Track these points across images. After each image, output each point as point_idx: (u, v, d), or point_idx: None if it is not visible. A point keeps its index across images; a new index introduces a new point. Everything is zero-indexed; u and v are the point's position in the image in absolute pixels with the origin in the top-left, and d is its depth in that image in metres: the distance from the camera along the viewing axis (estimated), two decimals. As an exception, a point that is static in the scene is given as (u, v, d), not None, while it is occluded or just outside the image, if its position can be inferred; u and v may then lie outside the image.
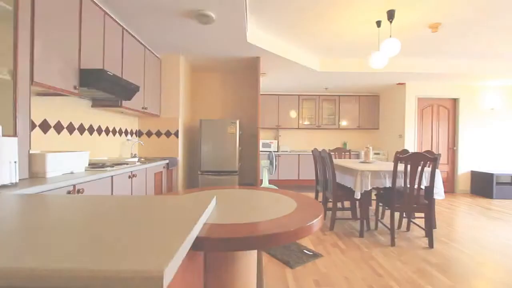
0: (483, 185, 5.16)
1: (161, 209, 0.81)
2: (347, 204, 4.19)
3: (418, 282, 1.99)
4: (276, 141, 6.51)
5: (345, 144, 6.73)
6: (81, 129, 2.62)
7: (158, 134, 4.02)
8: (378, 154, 6.11)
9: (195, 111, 4.93)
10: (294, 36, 3.68)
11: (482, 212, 4.06)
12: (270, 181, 6.23)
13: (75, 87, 2.04)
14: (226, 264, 0.96)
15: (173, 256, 0.46)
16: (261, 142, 6.38)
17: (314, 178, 4.42)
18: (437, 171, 2.73)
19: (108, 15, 2.53)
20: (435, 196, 2.74)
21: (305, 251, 2.51)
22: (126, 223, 0.66)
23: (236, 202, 1.16)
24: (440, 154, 2.71)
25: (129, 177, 2.41)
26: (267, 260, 2.35)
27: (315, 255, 2.43)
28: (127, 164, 2.52)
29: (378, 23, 3.16)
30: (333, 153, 4.64)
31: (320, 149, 3.58)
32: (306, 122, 6.63)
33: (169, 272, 0.44)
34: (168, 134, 4.02)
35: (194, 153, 4.88)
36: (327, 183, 3.35)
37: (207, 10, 2.65)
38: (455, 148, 5.51)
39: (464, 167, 5.48)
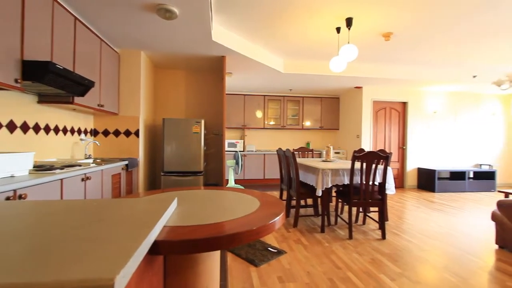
0: (427, 180, 5.75)
1: (117, 212, 0.76)
2: (310, 201, 4.37)
3: (372, 271, 2.15)
4: (242, 140, 6.53)
5: (308, 143, 7.00)
6: (25, 128, 2.35)
7: (117, 133, 3.78)
8: (338, 153, 6.46)
9: (157, 110, 4.73)
10: (259, 37, 3.72)
11: (427, 204, 4.53)
12: (236, 181, 6.23)
13: (16, 80, 1.82)
14: (188, 267, 0.93)
15: (127, 262, 0.44)
16: (227, 141, 6.35)
17: (279, 177, 4.52)
18: (389, 169, 2.97)
19: (58, 2, 2.30)
20: (387, 192, 2.98)
21: (269, 248, 2.56)
22: (75, 229, 0.61)
23: (199, 203, 1.14)
24: (391, 152, 2.95)
25: (82, 180, 2.23)
26: (232, 259, 2.34)
27: (280, 252, 2.49)
28: (80, 166, 2.33)
29: (338, 30, 3.34)
30: (297, 152, 4.79)
31: (285, 148, 3.67)
32: (272, 122, 6.76)
33: (122, 280, 0.41)
34: (127, 133, 3.80)
35: (156, 153, 4.68)
36: (291, 182, 3.45)
37: (170, 5, 2.55)
38: (404, 147, 6.06)
39: (412, 164, 6.05)
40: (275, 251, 2.51)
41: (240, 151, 6.20)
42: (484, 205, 4.49)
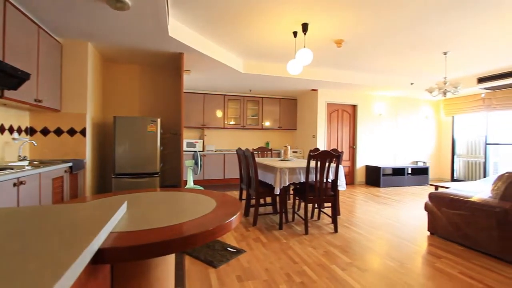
0: (374, 177, 6.31)
1: (55, 220, 0.69)
2: (269, 199, 4.47)
3: (326, 263, 2.29)
4: (202, 140, 6.40)
5: (267, 143, 7.15)
6: None
7: (58, 132, 3.40)
8: (296, 152, 6.72)
9: (108, 107, 4.38)
10: (219, 36, 3.69)
11: (373, 199, 4.96)
12: (196, 182, 6.09)
13: None
14: (139, 274, 0.89)
15: (61, 276, 0.40)
16: (185, 141, 6.16)
17: (239, 176, 4.53)
18: (340, 167, 3.19)
19: (-19, -20, 1.99)
20: (339, 188, 3.20)
21: (229, 248, 2.55)
22: (0, 241, 0.54)
23: (153, 206, 1.09)
24: (343, 152, 3.17)
25: (15, 184, 1.96)
26: (190, 262, 2.28)
27: (239, 252, 2.50)
28: (12, 169, 2.04)
29: (295, 34, 3.47)
30: (256, 152, 4.85)
31: (244, 148, 3.70)
32: (232, 122, 6.74)
33: (56, 294, 0.38)
34: (72, 132, 3.44)
35: (107, 154, 4.33)
36: (250, 181, 3.49)
37: (121, -5, 2.38)
38: (354, 146, 6.56)
39: (361, 162, 6.58)
40: (234, 250, 2.52)
41: (199, 151, 6.07)
42: (419, 197, 5.09)
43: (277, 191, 3.02)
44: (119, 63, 4.39)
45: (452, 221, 2.74)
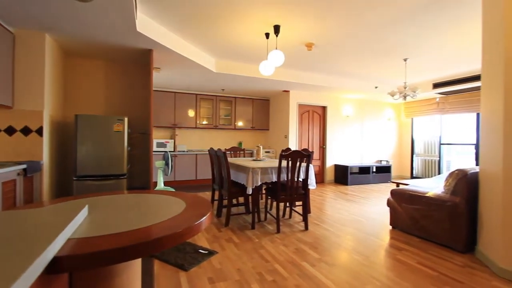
0: (342, 175, 6.60)
1: (4, 228, 0.63)
2: (242, 199, 4.47)
3: (296, 260, 2.35)
4: (173, 140, 6.22)
5: (240, 143, 7.14)
6: None
7: (10, 131, 3.10)
8: (268, 152, 6.80)
9: (69, 104, 4.07)
10: (191, 34, 3.61)
11: (342, 196, 5.19)
12: (166, 183, 5.90)
13: None
14: (100, 282, 0.84)
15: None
16: (155, 141, 5.94)
17: (211, 177, 4.47)
18: (311, 166, 3.29)
19: None
20: (309, 187, 3.29)
21: (200, 250, 2.51)
22: None
23: (119, 209, 1.03)
24: (313, 151, 3.27)
25: (-45, 190, 1.74)
26: (159, 267, 2.21)
27: (211, 253, 2.47)
28: (-48, 172, 1.82)
29: (267, 35, 3.51)
30: (229, 152, 4.83)
31: (217, 148, 3.66)
32: (204, 122, 6.64)
33: (1, 309, 0.34)
34: (26, 131, 3.15)
35: (67, 155, 4.02)
36: (223, 181, 3.46)
37: (83, -15, 2.23)
38: (324, 146, 6.80)
39: (330, 161, 6.85)
40: (206, 252, 2.48)
41: (170, 151, 5.89)
42: (383, 194, 5.43)
43: (250, 191, 3.04)
44: (82, 58, 4.10)
45: (410, 215, 2.96)
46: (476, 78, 5.02)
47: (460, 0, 2.65)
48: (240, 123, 6.96)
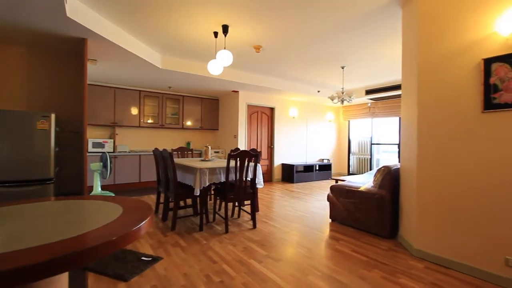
0: (289, 174, 6.93)
1: None
2: (189, 201, 4.34)
3: (244, 259, 2.39)
4: (112, 140, 5.69)
5: (188, 143, 6.93)
6: None
7: None
8: (217, 152, 6.74)
9: (-26, 97, 3.38)
10: (134, 26, 3.35)
11: (288, 194, 5.45)
12: (105, 187, 5.37)
13: None
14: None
15: None
16: (91, 141, 5.36)
17: (156, 179, 4.23)
18: (258, 165, 3.38)
19: None
20: (257, 186, 3.37)
21: (143, 258, 2.35)
22: None
23: (41, 219, 0.90)
24: (261, 151, 3.37)
25: None
26: (95, 280, 2.00)
27: (155, 260, 2.34)
28: None
29: (215, 34, 3.48)
30: (176, 152, 4.64)
31: (162, 148, 3.48)
32: (149, 121, 6.24)
33: None
34: None
35: (-28, 157, 3.34)
36: (168, 183, 3.31)
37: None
38: (272, 146, 7.05)
39: (278, 161, 7.13)
40: (150, 259, 2.34)
41: (109, 152, 5.38)
42: (324, 190, 5.88)
43: (197, 192, 2.97)
44: (-7, 41, 3.46)
45: (347, 208, 3.28)
46: (399, 87, 5.81)
47: (393, 16, 3.03)
48: (188, 123, 6.74)
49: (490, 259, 2.01)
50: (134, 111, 5.97)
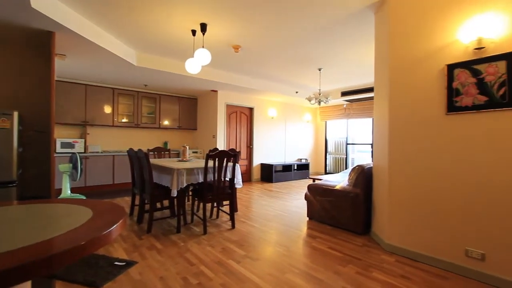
0: (268, 173, 6.98)
1: None
2: (166, 203, 4.23)
3: (223, 259, 2.37)
4: (83, 140, 5.40)
5: (166, 143, 6.75)
6: None
7: None
8: (196, 152, 6.64)
9: None
10: (107, 21, 3.21)
11: (267, 193, 5.49)
12: (75, 190, 5.09)
13: None
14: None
15: None
16: (59, 141, 5.05)
17: (131, 180, 4.09)
18: (237, 165, 3.37)
19: None
20: (236, 186, 3.37)
21: (116, 263, 2.26)
22: None
23: (1, 225, 0.84)
24: (239, 151, 3.36)
25: None
26: (63, 288, 1.89)
27: (129, 264, 2.25)
28: None
29: (193, 32, 3.42)
30: (152, 152, 4.51)
31: (138, 148, 3.37)
32: (124, 120, 6.00)
33: None
34: None
35: None
36: (144, 185, 3.20)
37: None
38: (251, 146, 7.06)
39: (257, 160, 7.16)
40: (124, 264, 2.25)
41: (80, 153, 5.10)
42: (302, 189, 5.99)
43: (174, 193, 2.90)
44: None
45: (323, 206, 3.36)
46: (372, 89, 6.07)
47: (366, 22, 3.15)
48: (165, 122, 6.56)
49: (452, 251, 2.16)
50: (108, 109, 5.71)
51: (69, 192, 4.07)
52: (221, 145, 6.34)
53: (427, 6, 2.30)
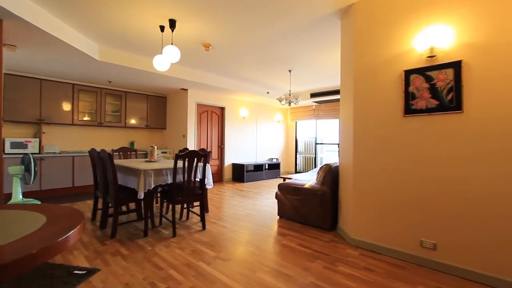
0: (239, 173, 6.98)
1: None
2: (133, 206, 4.04)
3: (193, 262, 2.32)
4: (38, 139, 4.95)
5: (132, 143, 6.44)
6: None
7: None
8: (165, 152, 6.42)
9: None
10: (66, 11, 2.96)
11: (238, 193, 5.48)
12: (28, 194, 4.65)
13: None
14: None
15: None
16: (8, 141, 4.58)
17: (93, 183, 3.83)
18: (208, 166, 3.32)
19: None
20: (207, 186, 3.32)
21: (76, 272, 2.11)
22: None
23: None
24: (210, 151, 3.32)
25: None
26: (13, 302, 1.72)
27: (90, 272, 2.11)
28: None
29: (162, 28, 3.31)
30: (117, 153, 4.27)
31: (101, 149, 3.17)
32: (85, 118, 5.61)
33: None
34: None
35: None
36: (108, 187, 3.02)
37: None
38: (222, 146, 7.01)
39: (228, 160, 7.12)
40: (84, 272, 2.11)
41: (33, 154, 4.66)
42: (273, 188, 6.08)
43: (141, 195, 2.78)
44: None
45: (293, 204, 3.45)
46: (339, 91, 6.36)
47: (333, 26, 3.28)
48: (132, 121, 6.26)
49: (409, 242, 2.34)
50: (66, 106, 5.30)
51: (21, 197, 3.70)
52: (191, 145, 6.21)
53: (389, 15, 2.47)
